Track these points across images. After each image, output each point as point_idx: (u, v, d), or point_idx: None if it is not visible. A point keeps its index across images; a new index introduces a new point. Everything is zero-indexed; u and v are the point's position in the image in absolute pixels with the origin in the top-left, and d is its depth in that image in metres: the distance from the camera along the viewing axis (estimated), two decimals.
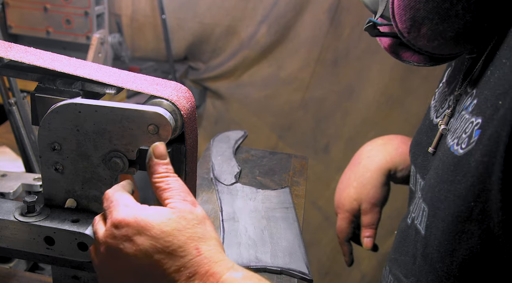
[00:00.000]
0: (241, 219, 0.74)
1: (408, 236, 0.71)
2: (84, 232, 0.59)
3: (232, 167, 0.88)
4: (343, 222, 0.96)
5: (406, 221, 0.73)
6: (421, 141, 0.77)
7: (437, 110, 0.76)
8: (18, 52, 0.62)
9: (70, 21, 1.70)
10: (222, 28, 2.13)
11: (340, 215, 0.97)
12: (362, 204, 0.95)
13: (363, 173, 0.95)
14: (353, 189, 0.95)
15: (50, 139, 0.58)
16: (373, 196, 0.94)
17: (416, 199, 0.71)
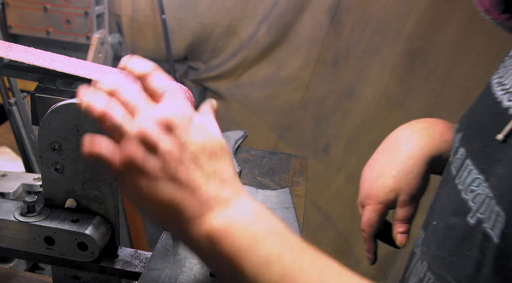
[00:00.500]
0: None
1: (469, 238, 0.63)
2: (84, 232, 0.59)
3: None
4: (373, 215, 0.86)
5: (466, 220, 0.65)
6: (481, 123, 0.69)
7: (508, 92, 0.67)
8: (18, 52, 0.62)
9: (70, 21, 1.70)
10: (222, 28, 2.13)
11: (371, 206, 0.86)
12: (400, 195, 0.84)
13: (404, 160, 0.84)
14: (391, 178, 0.84)
15: (50, 139, 0.58)
16: (415, 186, 0.84)
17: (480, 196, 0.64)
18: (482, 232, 0.61)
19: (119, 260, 0.64)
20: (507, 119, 0.64)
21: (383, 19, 1.96)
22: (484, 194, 0.63)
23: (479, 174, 0.66)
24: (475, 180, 0.66)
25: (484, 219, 0.61)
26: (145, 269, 0.60)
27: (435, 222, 0.73)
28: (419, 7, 1.88)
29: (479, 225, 0.62)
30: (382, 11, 1.95)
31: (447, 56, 1.91)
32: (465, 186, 0.68)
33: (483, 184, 0.64)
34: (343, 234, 2.26)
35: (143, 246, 1.98)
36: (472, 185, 0.66)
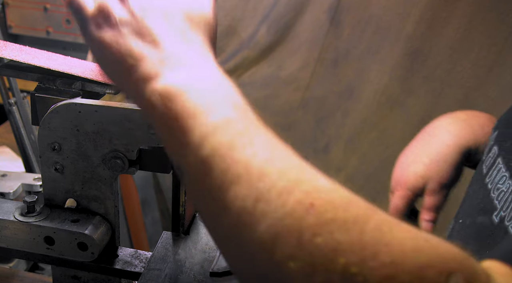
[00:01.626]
0: None
1: (492, 236, 0.63)
2: (84, 232, 0.59)
3: None
4: (401, 201, 0.83)
5: (492, 218, 0.64)
6: None
7: None
8: (13, 51, 0.62)
9: (70, 21, 1.70)
10: (222, 28, 2.13)
11: (399, 192, 0.84)
12: (430, 183, 0.82)
13: (438, 148, 0.83)
14: (423, 165, 0.83)
15: (50, 139, 0.58)
16: (445, 175, 0.82)
17: (504, 193, 0.63)
18: (504, 229, 0.60)
19: (119, 260, 0.64)
20: None
21: (383, 19, 1.95)
22: (508, 191, 0.62)
23: (506, 171, 0.64)
24: (502, 177, 0.65)
25: (506, 217, 0.60)
26: (145, 269, 0.60)
27: (461, 220, 0.72)
28: (419, 7, 1.88)
29: (502, 223, 0.61)
30: (382, 11, 1.95)
31: (447, 56, 1.91)
32: (494, 185, 0.67)
33: (508, 181, 0.63)
34: None
35: (143, 246, 1.98)
36: (499, 183, 0.65)
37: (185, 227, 0.68)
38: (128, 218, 1.92)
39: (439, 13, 1.85)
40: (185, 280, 0.60)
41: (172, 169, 0.62)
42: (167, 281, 0.59)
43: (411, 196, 0.83)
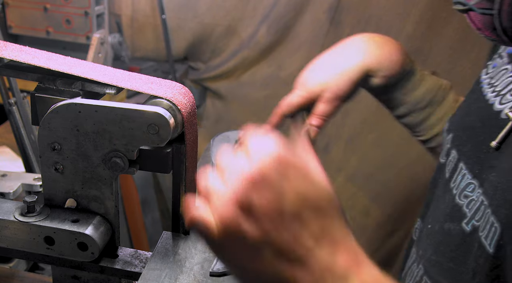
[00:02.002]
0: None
1: (465, 245, 0.63)
2: (84, 232, 0.59)
3: None
4: (296, 98, 0.87)
5: (462, 226, 0.65)
6: (473, 126, 0.70)
7: (499, 95, 0.68)
8: (13, 51, 0.62)
9: (70, 21, 1.70)
10: (222, 28, 2.13)
11: (297, 91, 0.87)
12: (326, 92, 0.86)
13: (343, 62, 0.87)
14: (324, 74, 0.87)
15: (50, 139, 0.58)
16: (342, 88, 0.85)
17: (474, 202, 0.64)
18: (478, 241, 0.61)
19: (119, 260, 0.64)
20: (500, 124, 0.65)
21: (383, 19, 1.95)
22: (478, 201, 0.63)
23: (473, 178, 0.66)
24: (469, 185, 0.66)
25: (479, 227, 0.61)
26: (145, 269, 0.60)
27: (429, 225, 0.73)
28: (419, 7, 1.87)
29: (475, 233, 0.62)
30: (382, 11, 1.95)
31: (447, 56, 1.91)
32: (459, 190, 0.68)
33: (477, 190, 0.64)
34: None
35: (143, 246, 1.98)
36: (467, 190, 0.66)
37: (185, 227, 0.68)
38: (128, 218, 1.92)
39: (439, 13, 1.85)
40: (185, 280, 0.60)
41: (172, 169, 0.62)
42: (167, 281, 0.59)
43: (306, 97, 0.87)
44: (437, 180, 0.77)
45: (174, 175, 0.64)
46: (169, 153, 0.60)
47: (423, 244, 0.73)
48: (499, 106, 0.67)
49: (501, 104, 0.67)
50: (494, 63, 0.76)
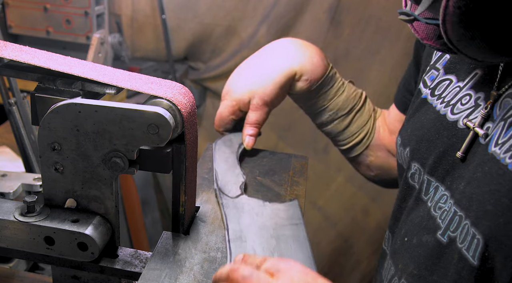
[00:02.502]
0: (248, 238, 0.67)
1: (444, 257, 0.64)
2: (84, 232, 0.59)
3: (236, 176, 0.82)
4: (225, 110, 0.89)
5: (437, 238, 0.66)
6: (430, 138, 0.71)
7: (449, 105, 0.69)
8: (13, 51, 0.62)
9: (70, 21, 1.70)
10: (222, 28, 2.13)
11: (225, 102, 0.90)
12: (254, 99, 0.88)
13: (269, 68, 0.88)
14: (251, 81, 0.88)
15: (50, 139, 0.58)
16: (269, 94, 0.87)
17: (447, 213, 0.65)
18: (458, 252, 0.61)
19: (119, 260, 0.64)
20: (458, 134, 0.66)
21: (383, 19, 1.95)
22: (451, 211, 0.64)
23: (445, 190, 0.67)
24: (442, 196, 0.67)
25: (457, 238, 0.62)
26: (145, 269, 0.60)
27: (406, 238, 0.73)
28: None
29: (452, 244, 0.63)
30: (382, 11, 1.95)
31: None
32: (433, 203, 0.69)
33: (449, 200, 0.65)
34: (343, 234, 2.26)
35: (143, 246, 1.98)
36: (441, 201, 0.67)
37: (185, 227, 0.68)
38: (128, 218, 1.92)
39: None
40: (185, 280, 0.60)
41: (172, 169, 0.62)
42: (167, 281, 0.59)
43: (235, 107, 0.89)
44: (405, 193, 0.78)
45: (174, 175, 0.64)
46: (169, 153, 0.60)
47: (402, 258, 0.73)
48: (452, 116, 0.68)
49: (453, 114, 0.68)
50: (431, 76, 0.78)
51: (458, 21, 0.52)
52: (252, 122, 0.89)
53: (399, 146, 0.80)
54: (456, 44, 0.55)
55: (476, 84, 0.67)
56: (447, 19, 0.53)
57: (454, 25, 0.53)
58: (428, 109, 0.74)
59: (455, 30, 0.53)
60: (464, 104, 0.67)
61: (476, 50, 0.55)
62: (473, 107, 0.66)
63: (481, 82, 0.66)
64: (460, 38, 0.54)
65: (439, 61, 0.78)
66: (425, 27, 0.65)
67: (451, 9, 0.52)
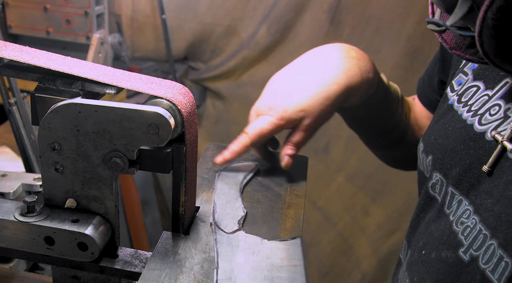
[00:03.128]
0: (238, 279, 0.61)
1: (464, 275, 0.61)
2: (84, 232, 0.59)
3: (236, 210, 0.76)
4: (270, 127, 0.77)
5: (459, 255, 0.62)
6: (455, 149, 0.67)
7: (477, 115, 0.66)
8: (13, 51, 0.62)
9: (70, 21, 1.70)
10: (222, 28, 2.13)
11: (270, 118, 0.77)
12: (307, 119, 0.77)
13: (325, 83, 0.77)
14: (306, 98, 0.77)
15: (50, 139, 0.58)
16: (326, 114, 0.78)
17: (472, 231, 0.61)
18: (480, 273, 0.58)
19: (119, 260, 0.64)
20: (486, 146, 0.63)
21: (383, 19, 1.96)
22: (476, 228, 0.61)
23: (469, 205, 0.63)
24: (465, 211, 0.64)
25: (479, 258, 0.59)
26: (145, 269, 0.60)
27: (424, 251, 0.70)
28: (419, 7, 1.88)
29: (473, 263, 0.60)
30: (382, 11, 1.95)
31: None
32: (456, 217, 0.65)
33: (473, 216, 0.62)
34: (343, 234, 2.26)
35: (143, 246, 1.98)
36: (463, 216, 0.64)
37: (185, 227, 0.68)
38: (128, 218, 1.92)
39: None
40: (185, 280, 0.60)
41: (172, 169, 0.62)
42: (167, 281, 0.59)
43: (283, 126, 0.78)
44: (424, 203, 0.74)
45: (174, 175, 0.64)
46: (169, 153, 0.60)
47: (418, 272, 0.70)
48: (480, 127, 0.64)
49: (481, 125, 0.64)
50: (459, 80, 0.74)
51: (496, 34, 0.49)
52: (296, 142, 0.80)
53: (421, 152, 0.76)
54: (492, 58, 0.51)
55: (506, 94, 0.63)
56: (484, 32, 0.49)
57: (492, 39, 0.49)
58: (453, 116, 0.70)
59: (492, 44, 0.50)
60: (492, 115, 0.63)
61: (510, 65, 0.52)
62: (502, 118, 0.62)
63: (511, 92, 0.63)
64: (498, 52, 0.51)
65: (468, 64, 0.74)
66: (453, 36, 0.61)
67: (489, 21, 0.48)
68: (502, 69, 0.53)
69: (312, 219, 2.22)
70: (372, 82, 0.82)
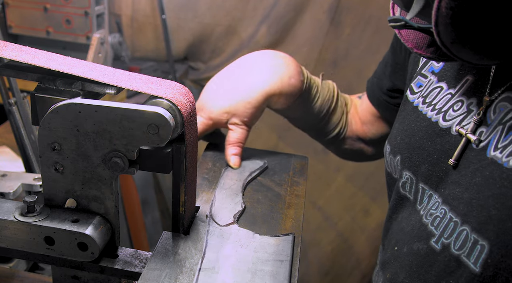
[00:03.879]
0: (222, 270, 0.62)
1: (437, 264, 0.64)
2: (84, 232, 0.59)
3: (235, 204, 0.76)
4: (202, 126, 0.89)
5: (431, 245, 0.65)
6: (421, 146, 0.71)
7: (441, 112, 0.69)
8: (13, 51, 0.62)
9: (70, 21, 1.70)
10: (222, 28, 2.13)
11: (201, 119, 0.90)
12: (233, 119, 0.88)
13: (247, 91, 0.88)
14: (229, 101, 0.88)
15: (50, 139, 0.58)
16: (248, 115, 0.88)
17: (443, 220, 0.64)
18: (456, 260, 0.61)
19: (119, 260, 0.64)
20: (452, 141, 0.66)
21: (383, 19, 1.95)
22: (445, 217, 0.63)
23: (438, 197, 0.66)
24: (434, 203, 0.67)
25: (451, 245, 0.61)
26: (145, 269, 0.60)
27: (396, 247, 0.73)
28: None
29: (446, 250, 0.62)
30: (382, 11, 1.95)
31: None
32: (426, 211, 0.68)
33: (441, 206, 0.65)
34: (343, 234, 2.26)
35: (143, 246, 1.98)
36: (432, 208, 0.67)
37: (185, 227, 0.68)
38: (128, 218, 1.92)
39: None
40: (185, 280, 0.60)
41: (172, 169, 0.62)
42: (167, 281, 0.59)
43: (211, 125, 0.90)
44: (396, 203, 0.77)
45: (174, 175, 0.64)
46: (169, 153, 0.60)
47: (391, 268, 0.73)
48: (444, 123, 0.68)
49: (445, 121, 0.68)
50: (418, 82, 0.78)
51: (451, 22, 0.51)
52: (234, 142, 0.89)
53: (389, 154, 0.79)
54: (449, 46, 0.54)
55: (467, 90, 0.67)
56: (440, 21, 0.51)
57: (448, 27, 0.52)
58: (418, 116, 0.74)
59: (448, 32, 0.52)
60: (456, 110, 0.67)
61: (470, 53, 0.54)
62: (465, 113, 0.65)
63: (472, 88, 0.66)
64: (454, 41, 0.53)
65: (425, 68, 0.77)
66: (414, 36, 0.64)
67: (443, 10, 0.50)
68: (458, 59, 0.55)
69: (312, 219, 2.22)
70: (295, 86, 0.90)
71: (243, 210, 0.76)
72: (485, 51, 0.54)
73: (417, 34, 0.64)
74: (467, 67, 0.69)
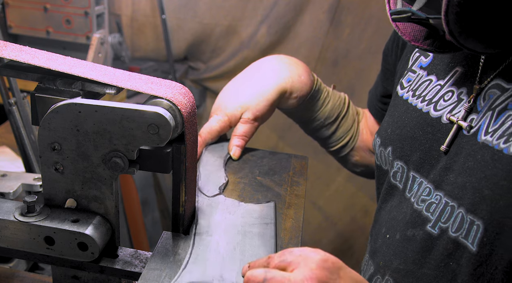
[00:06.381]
0: (215, 233, 0.68)
1: (435, 248, 0.65)
2: (84, 232, 0.59)
3: (218, 178, 0.83)
4: (217, 124, 0.91)
5: (427, 230, 0.67)
6: (413, 136, 0.73)
7: (432, 103, 0.71)
8: (13, 51, 0.62)
9: (70, 21, 1.70)
10: (222, 28, 2.13)
11: (217, 117, 0.92)
12: (246, 113, 0.91)
13: (261, 88, 0.92)
14: (243, 97, 0.91)
15: (50, 139, 0.58)
16: (261, 109, 0.91)
17: (439, 205, 0.65)
18: (452, 241, 0.63)
19: (119, 260, 0.64)
20: (443, 129, 0.68)
21: (383, 19, 1.95)
22: (441, 203, 0.65)
23: (428, 183, 0.68)
24: (425, 189, 0.69)
25: (449, 228, 0.63)
26: (145, 269, 0.60)
27: (388, 235, 0.74)
28: None
29: (444, 234, 0.64)
30: (382, 11, 1.95)
31: None
32: (416, 198, 0.70)
33: (435, 192, 0.67)
34: (343, 234, 2.26)
35: (143, 246, 1.98)
36: (423, 194, 0.69)
37: (185, 227, 0.68)
38: (128, 218, 1.92)
39: None
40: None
41: (172, 169, 0.62)
42: (167, 281, 0.59)
43: (226, 121, 0.91)
44: (386, 193, 0.79)
45: (174, 175, 0.64)
46: (169, 153, 0.60)
47: (383, 255, 0.74)
48: (435, 113, 0.70)
49: (436, 111, 0.70)
50: (408, 78, 0.80)
51: (461, 11, 0.53)
52: (240, 134, 0.91)
53: (379, 146, 0.81)
54: (457, 35, 0.55)
55: (457, 80, 0.69)
56: (450, 11, 0.53)
57: (458, 16, 0.53)
58: (408, 108, 0.76)
59: (458, 21, 0.54)
60: (446, 100, 0.69)
61: (476, 42, 0.56)
62: (456, 102, 0.68)
63: (462, 78, 0.68)
64: (463, 30, 0.55)
65: (415, 64, 0.80)
66: (411, 29, 0.66)
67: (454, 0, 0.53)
68: (464, 48, 0.57)
69: (312, 219, 2.22)
70: (305, 84, 0.94)
71: (227, 182, 0.83)
72: (491, 40, 0.56)
73: (414, 27, 0.66)
74: (457, 59, 0.71)
